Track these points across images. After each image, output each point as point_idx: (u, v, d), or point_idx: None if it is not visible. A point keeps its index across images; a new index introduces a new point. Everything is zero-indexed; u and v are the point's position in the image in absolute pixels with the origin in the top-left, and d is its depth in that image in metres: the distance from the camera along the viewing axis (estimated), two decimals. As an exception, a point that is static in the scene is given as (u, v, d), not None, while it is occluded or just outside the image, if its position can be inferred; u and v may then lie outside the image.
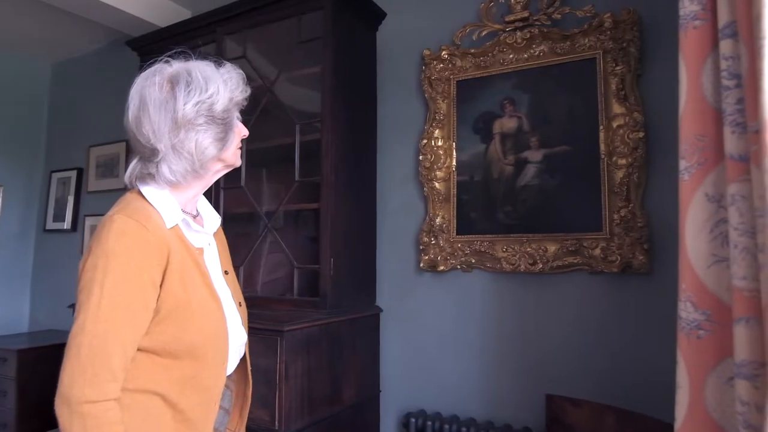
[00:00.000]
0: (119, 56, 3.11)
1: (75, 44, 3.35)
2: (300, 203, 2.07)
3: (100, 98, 3.34)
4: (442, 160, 2.07)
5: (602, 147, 1.76)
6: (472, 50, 2.01)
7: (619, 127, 1.73)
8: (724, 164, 0.92)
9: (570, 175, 1.82)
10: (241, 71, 1.02)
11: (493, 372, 1.92)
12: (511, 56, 1.95)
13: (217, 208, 2.18)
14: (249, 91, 1.04)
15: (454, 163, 2.05)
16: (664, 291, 1.65)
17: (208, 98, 0.94)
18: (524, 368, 1.86)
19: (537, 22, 1.89)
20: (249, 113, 2.13)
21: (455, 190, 2.04)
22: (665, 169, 1.68)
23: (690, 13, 1.02)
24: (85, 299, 0.85)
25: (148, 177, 0.97)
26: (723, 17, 0.93)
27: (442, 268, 2.02)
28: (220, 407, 1.05)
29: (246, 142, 1.13)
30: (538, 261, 1.82)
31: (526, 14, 1.89)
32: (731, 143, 0.90)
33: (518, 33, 1.91)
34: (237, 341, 1.05)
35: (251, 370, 1.15)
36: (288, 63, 2.10)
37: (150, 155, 0.95)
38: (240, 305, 1.11)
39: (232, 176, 1.47)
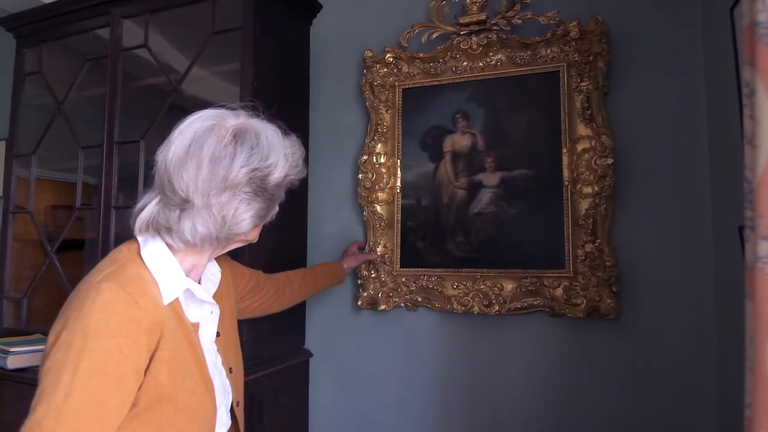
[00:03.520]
0: (-4, 37, 2.55)
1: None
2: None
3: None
4: (384, 180, 1.78)
5: (565, 173, 1.55)
6: (421, 54, 1.74)
7: (585, 151, 1.52)
8: None
9: (529, 203, 1.59)
10: (303, 150, 0.93)
11: (441, 427, 1.66)
12: (465, 64, 1.70)
13: (107, 231, 1.76)
14: (305, 172, 0.95)
15: (398, 183, 1.77)
16: (633, 338, 1.48)
17: (267, 167, 0.84)
18: (477, 422, 1.62)
19: (495, 27, 1.65)
20: (151, 117, 1.75)
21: (399, 215, 1.76)
22: (635, 202, 1.50)
23: None
24: (50, 386, 0.68)
25: (163, 230, 0.83)
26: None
27: (383, 306, 1.73)
28: None
29: (150, 154, 0.91)
30: (494, 302, 1.58)
31: (483, 17, 1.65)
32: None
33: (474, 38, 1.66)
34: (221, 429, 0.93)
35: None
36: (201, 57, 1.71)
37: (177, 204, 0.81)
38: (231, 371, 0.97)
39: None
